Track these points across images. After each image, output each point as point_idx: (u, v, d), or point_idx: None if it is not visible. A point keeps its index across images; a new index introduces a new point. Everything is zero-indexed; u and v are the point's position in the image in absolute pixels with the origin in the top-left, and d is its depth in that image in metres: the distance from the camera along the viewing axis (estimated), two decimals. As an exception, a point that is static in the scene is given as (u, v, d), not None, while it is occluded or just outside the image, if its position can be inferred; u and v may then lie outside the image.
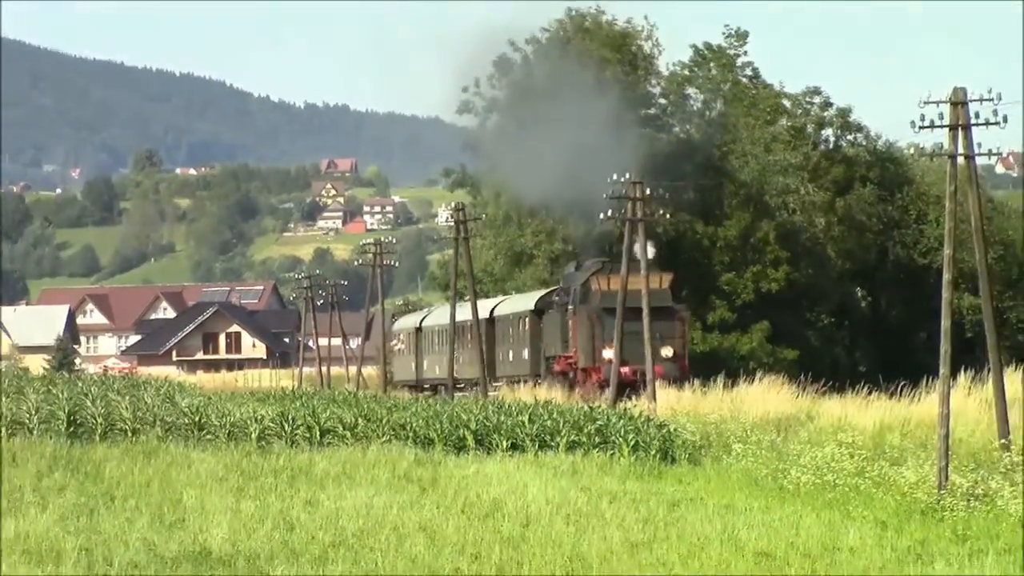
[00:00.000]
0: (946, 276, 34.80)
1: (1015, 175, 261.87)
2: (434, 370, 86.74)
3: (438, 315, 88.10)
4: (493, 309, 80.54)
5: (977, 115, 34.70)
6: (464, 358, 79.62)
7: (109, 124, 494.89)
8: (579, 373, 64.01)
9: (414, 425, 44.93)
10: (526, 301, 77.18)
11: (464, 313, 77.82)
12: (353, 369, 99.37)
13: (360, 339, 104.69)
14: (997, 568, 23.02)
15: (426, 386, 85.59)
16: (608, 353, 58.55)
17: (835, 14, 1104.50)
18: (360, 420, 45.65)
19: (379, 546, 23.85)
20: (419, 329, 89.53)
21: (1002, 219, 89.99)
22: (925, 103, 34.02)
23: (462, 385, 78.51)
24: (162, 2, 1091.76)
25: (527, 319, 75.00)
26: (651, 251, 67.36)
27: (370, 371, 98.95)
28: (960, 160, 34.10)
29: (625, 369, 59.38)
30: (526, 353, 74.84)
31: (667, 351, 63.62)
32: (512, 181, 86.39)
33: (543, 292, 76.25)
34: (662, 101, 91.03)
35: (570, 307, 68.05)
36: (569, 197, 78.12)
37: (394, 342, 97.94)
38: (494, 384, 74.79)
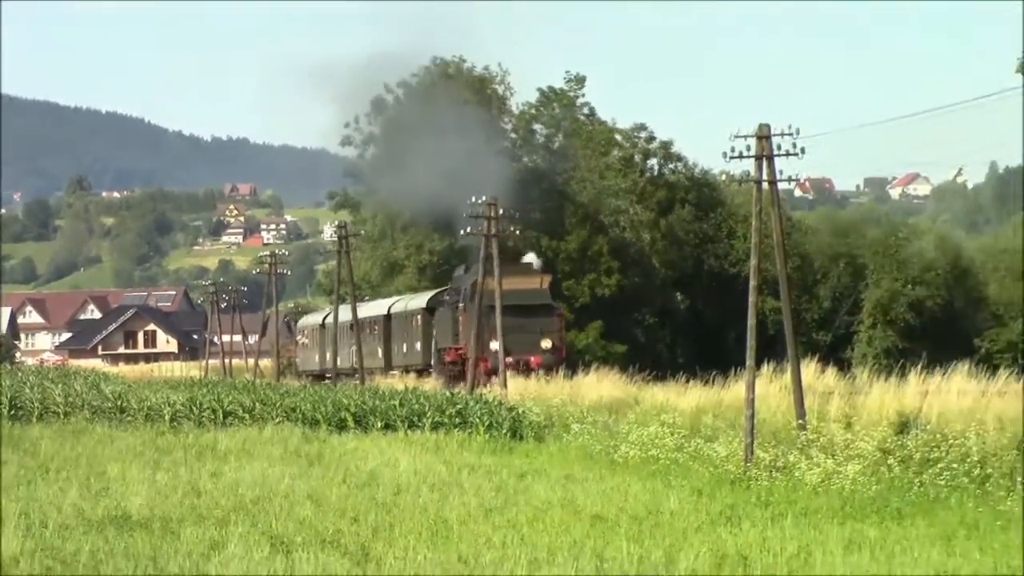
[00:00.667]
0: (752, 283, 34.54)
1: (810, 198, 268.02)
2: (336, 361, 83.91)
3: (340, 313, 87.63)
4: (390, 307, 79.85)
5: (779, 147, 34.48)
6: (364, 350, 77.22)
7: (46, 154, 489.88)
8: (468, 363, 60.65)
9: (303, 408, 44.55)
10: (419, 300, 75.67)
11: (361, 312, 77.86)
12: (251, 361, 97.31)
13: (258, 336, 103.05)
14: (795, 529, 22.53)
15: (328, 375, 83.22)
16: (495, 345, 56.94)
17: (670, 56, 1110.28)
18: (257, 404, 45.57)
19: (273, 510, 23.34)
20: (323, 326, 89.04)
21: (799, 235, 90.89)
22: (735, 137, 33.63)
23: (359, 374, 75.44)
24: (91, 50, 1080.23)
25: (420, 316, 73.41)
26: (537, 261, 69.92)
27: (266, 363, 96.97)
28: (764, 185, 33.97)
29: (509, 359, 57.37)
30: (419, 346, 73.36)
31: (546, 343, 62.89)
32: (387, 203, 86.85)
33: (435, 291, 74.85)
34: (513, 136, 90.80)
35: (460, 304, 66.13)
36: (435, 216, 78.32)
37: (300, 337, 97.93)
38: (391, 372, 74.94)
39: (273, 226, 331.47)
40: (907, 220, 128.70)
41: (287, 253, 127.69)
